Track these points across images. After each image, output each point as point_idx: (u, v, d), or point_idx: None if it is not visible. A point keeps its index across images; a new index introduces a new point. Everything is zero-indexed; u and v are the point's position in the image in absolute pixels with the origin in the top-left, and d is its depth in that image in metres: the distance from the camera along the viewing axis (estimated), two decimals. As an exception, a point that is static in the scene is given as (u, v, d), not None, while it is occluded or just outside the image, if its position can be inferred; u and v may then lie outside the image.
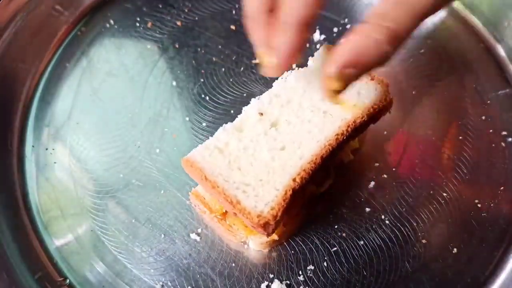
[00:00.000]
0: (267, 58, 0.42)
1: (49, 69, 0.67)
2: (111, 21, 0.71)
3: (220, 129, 0.49)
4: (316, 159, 0.47)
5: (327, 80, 0.40)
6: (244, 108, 0.51)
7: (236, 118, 0.50)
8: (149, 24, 0.70)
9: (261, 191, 0.46)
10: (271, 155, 0.47)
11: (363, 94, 0.51)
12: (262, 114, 0.50)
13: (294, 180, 0.46)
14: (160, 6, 0.72)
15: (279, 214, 0.44)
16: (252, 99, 0.51)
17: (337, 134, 0.48)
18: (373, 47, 0.37)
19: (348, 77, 0.39)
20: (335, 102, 0.45)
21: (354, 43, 0.38)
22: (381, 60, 0.38)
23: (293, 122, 0.49)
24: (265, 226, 0.45)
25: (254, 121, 0.49)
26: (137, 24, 0.71)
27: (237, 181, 0.46)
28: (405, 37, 0.38)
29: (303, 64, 0.54)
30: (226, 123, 0.50)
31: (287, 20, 0.39)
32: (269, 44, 0.41)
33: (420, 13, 0.37)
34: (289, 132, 0.48)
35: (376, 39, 0.37)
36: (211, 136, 0.62)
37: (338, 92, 0.40)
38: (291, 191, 0.45)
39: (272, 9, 0.41)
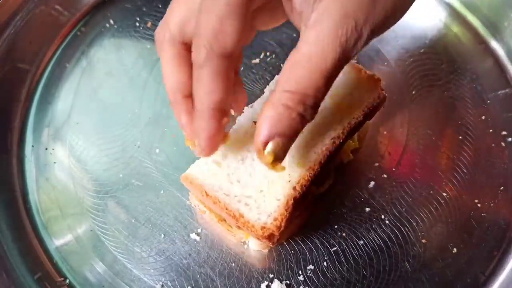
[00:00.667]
0: (190, 141, 0.45)
1: (49, 69, 0.67)
2: (111, 21, 0.71)
3: None
4: (314, 165, 0.46)
5: (261, 158, 0.39)
6: (238, 118, 0.50)
7: (231, 129, 0.49)
8: (149, 24, 0.70)
9: (263, 202, 0.45)
10: None
11: (355, 95, 0.50)
12: (256, 122, 0.48)
13: (294, 188, 0.45)
14: (160, 6, 0.72)
15: (283, 224, 0.44)
16: (245, 108, 0.51)
17: (333, 138, 0.47)
18: (285, 114, 0.37)
19: (277, 147, 0.38)
20: (278, 171, 0.42)
21: (268, 115, 0.37)
22: (302, 121, 0.38)
23: None
24: (270, 237, 0.45)
25: (249, 130, 0.49)
26: (137, 24, 0.71)
27: (238, 194, 0.46)
28: (316, 95, 0.36)
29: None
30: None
31: (198, 107, 0.40)
32: (190, 126, 0.44)
33: (323, 70, 0.36)
34: None
35: (286, 105, 0.37)
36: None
37: (277, 163, 0.40)
38: (292, 200, 0.45)
39: (191, 94, 0.42)
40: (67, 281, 0.53)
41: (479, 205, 0.56)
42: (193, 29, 0.38)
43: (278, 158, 0.39)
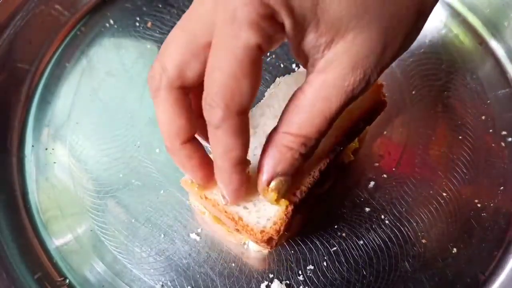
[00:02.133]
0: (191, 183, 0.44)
1: (48, 69, 0.67)
2: (111, 21, 0.71)
3: None
4: (314, 172, 0.46)
5: (265, 195, 0.41)
6: None
7: None
8: (149, 24, 0.70)
9: (262, 206, 0.45)
10: None
11: (358, 99, 0.50)
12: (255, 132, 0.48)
13: (294, 194, 0.45)
14: (160, 6, 0.72)
15: (282, 228, 0.44)
16: None
17: (334, 144, 0.47)
18: (288, 155, 0.38)
19: (279, 185, 0.40)
20: (282, 205, 0.45)
21: (270, 155, 0.39)
22: (304, 160, 0.39)
23: None
24: (268, 241, 0.45)
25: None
26: (137, 24, 0.70)
27: None
28: (317, 137, 0.38)
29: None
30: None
31: (219, 164, 0.39)
32: (195, 172, 0.42)
33: (326, 115, 0.36)
34: None
35: (288, 147, 0.38)
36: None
37: (280, 199, 0.42)
38: (292, 206, 0.45)
39: (190, 138, 0.40)
40: (67, 281, 0.53)
41: (479, 205, 0.56)
42: (205, 86, 0.35)
43: (281, 194, 0.41)
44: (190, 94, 0.40)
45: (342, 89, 0.35)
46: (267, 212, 0.45)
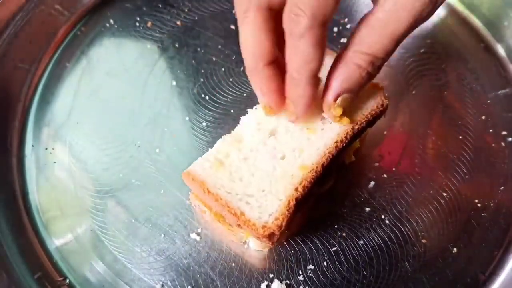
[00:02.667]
0: (267, 109, 0.46)
1: (49, 69, 0.67)
2: (111, 21, 0.71)
3: (220, 140, 0.49)
4: (317, 167, 0.46)
5: (330, 111, 0.44)
6: (242, 118, 0.50)
7: (235, 129, 0.50)
8: (149, 24, 0.70)
9: (264, 201, 0.45)
10: (271, 164, 0.47)
11: (359, 102, 0.50)
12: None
13: (296, 189, 0.45)
14: (160, 6, 0.72)
15: (284, 224, 0.44)
16: (249, 110, 0.51)
17: (337, 142, 0.48)
18: (357, 72, 0.41)
19: (345, 101, 0.44)
20: (344, 123, 0.48)
21: (340, 72, 0.42)
22: (369, 79, 0.42)
23: (291, 129, 0.49)
24: (270, 236, 0.45)
25: (253, 131, 0.49)
26: (137, 24, 0.71)
27: (240, 192, 0.46)
28: (384, 57, 0.41)
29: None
30: (226, 123, 0.49)
31: (296, 76, 0.41)
32: (272, 94, 0.44)
33: (394, 36, 0.40)
34: (288, 140, 0.48)
35: (357, 65, 0.41)
36: (211, 135, 0.62)
37: (343, 116, 0.46)
38: (294, 201, 0.45)
39: (273, 61, 0.42)
40: (67, 280, 0.53)
41: (479, 205, 0.56)
42: None
43: (345, 112, 0.45)
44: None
45: (412, 10, 0.38)
46: (269, 207, 0.45)
